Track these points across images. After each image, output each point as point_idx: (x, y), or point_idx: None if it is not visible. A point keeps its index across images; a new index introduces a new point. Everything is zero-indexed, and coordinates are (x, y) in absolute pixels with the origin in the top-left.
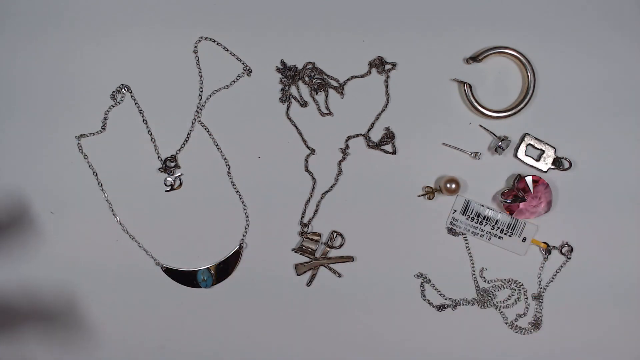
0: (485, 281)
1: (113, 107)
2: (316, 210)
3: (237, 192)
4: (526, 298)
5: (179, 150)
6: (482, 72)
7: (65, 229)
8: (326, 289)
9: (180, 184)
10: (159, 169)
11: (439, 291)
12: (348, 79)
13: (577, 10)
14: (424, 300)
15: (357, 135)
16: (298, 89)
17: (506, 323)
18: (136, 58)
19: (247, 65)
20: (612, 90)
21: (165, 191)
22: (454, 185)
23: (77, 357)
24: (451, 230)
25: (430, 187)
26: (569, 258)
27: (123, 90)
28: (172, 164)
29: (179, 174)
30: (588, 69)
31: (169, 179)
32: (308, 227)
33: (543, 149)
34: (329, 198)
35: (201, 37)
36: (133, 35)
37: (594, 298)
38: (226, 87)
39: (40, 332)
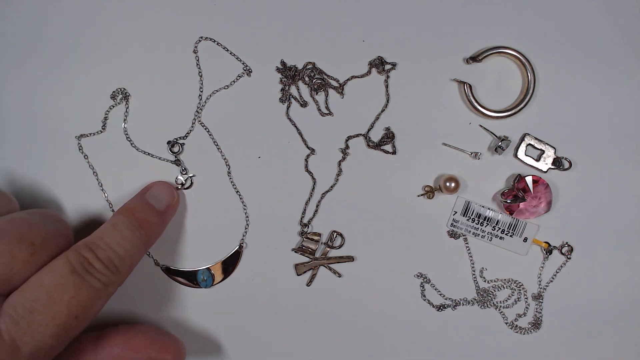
0: (485, 281)
1: (113, 107)
2: (316, 210)
3: (237, 192)
4: (526, 298)
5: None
6: (482, 72)
7: None
8: (326, 289)
9: (192, 184)
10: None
11: (439, 291)
12: (348, 79)
13: (577, 11)
14: (424, 300)
15: (357, 135)
16: (298, 89)
17: (506, 323)
18: (137, 58)
19: (247, 65)
20: (611, 90)
21: (176, 189)
22: (453, 184)
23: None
24: (452, 233)
25: (430, 186)
26: (569, 258)
27: (123, 90)
28: (176, 150)
29: (192, 174)
30: (587, 69)
31: (180, 177)
32: (308, 227)
33: (543, 149)
34: (329, 198)
35: (201, 37)
36: (133, 35)
37: (594, 298)
38: (226, 87)
39: None
